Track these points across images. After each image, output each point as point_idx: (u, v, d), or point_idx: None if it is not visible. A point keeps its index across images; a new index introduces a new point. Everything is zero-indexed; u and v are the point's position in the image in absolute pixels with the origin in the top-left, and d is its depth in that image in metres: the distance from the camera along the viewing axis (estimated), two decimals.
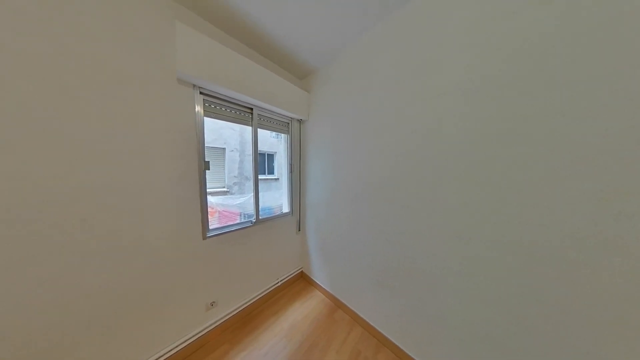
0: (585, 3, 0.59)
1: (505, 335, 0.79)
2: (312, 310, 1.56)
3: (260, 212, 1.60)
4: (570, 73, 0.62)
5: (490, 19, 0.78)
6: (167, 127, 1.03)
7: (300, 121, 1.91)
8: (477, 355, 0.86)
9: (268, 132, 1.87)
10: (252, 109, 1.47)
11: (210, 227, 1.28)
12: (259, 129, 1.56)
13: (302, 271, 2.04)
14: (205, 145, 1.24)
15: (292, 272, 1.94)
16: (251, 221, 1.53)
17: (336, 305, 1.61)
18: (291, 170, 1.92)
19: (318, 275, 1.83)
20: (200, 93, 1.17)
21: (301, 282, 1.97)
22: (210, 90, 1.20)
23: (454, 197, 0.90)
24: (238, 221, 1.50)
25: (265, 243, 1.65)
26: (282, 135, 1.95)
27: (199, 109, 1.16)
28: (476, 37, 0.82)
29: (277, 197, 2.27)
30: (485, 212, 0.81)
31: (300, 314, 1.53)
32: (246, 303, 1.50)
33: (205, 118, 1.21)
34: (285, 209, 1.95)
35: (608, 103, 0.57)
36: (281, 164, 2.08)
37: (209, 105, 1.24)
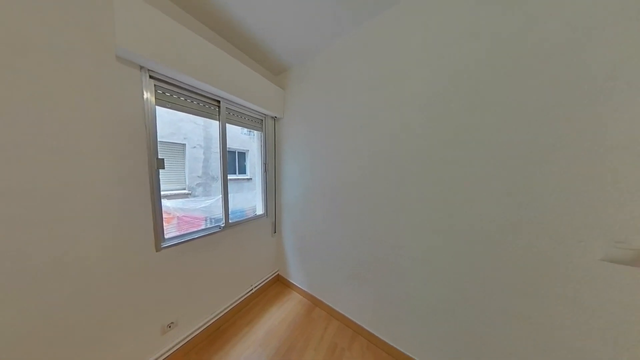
0: (501, 39, 0.76)
1: (454, 306, 0.93)
2: (290, 313, 1.53)
3: (230, 216, 1.46)
4: (493, 94, 0.79)
5: (441, 44, 0.91)
6: (103, 116, 0.82)
7: (275, 119, 1.83)
8: (434, 328, 1.00)
9: (239, 128, 1.73)
10: (219, 101, 1.32)
11: (167, 236, 1.09)
12: (228, 124, 1.42)
13: (278, 274, 1.97)
14: (159, 140, 1.05)
15: (267, 276, 1.85)
16: (219, 226, 1.38)
17: (314, 303, 1.62)
18: (265, 170, 1.82)
19: (295, 276, 1.80)
20: (151, 77, 0.98)
21: (278, 285, 1.90)
22: (164, 75, 1.01)
23: (414, 194, 1.02)
24: (203, 227, 1.33)
25: (237, 249, 1.52)
26: (255, 132, 1.83)
27: (148, 95, 0.96)
28: (430, 57, 0.94)
29: (249, 199, 2.12)
30: (438, 206, 0.95)
31: (277, 318, 1.47)
32: (214, 317, 1.35)
33: (157, 108, 1.02)
34: (260, 210, 1.84)
35: (516, 120, 0.74)
36: (254, 163, 1.96)
37: (163, 93, 1.05)
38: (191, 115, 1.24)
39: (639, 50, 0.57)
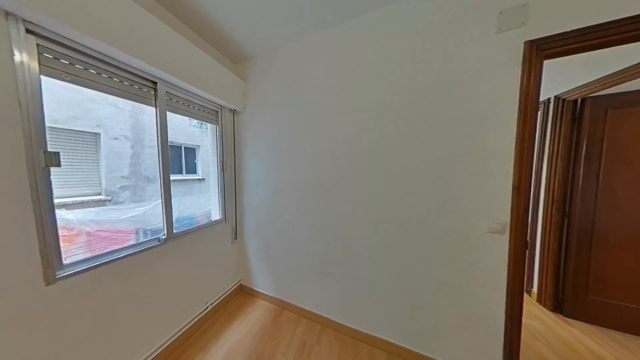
0: (430, 67, 0.95)
1: (403, 282, 1.10)
2: (256, 323, 1.41)
3: (175, 225, 1.19)
4: (425, 109, 0.98)
5: (390, 62, 1.06)
6: None
7: (234, 112, 1.63)
8: (389, 304, 1.15)
9: (186, 119, 1.43)
10: (155, 83, 1.05)
11: (67, 261, 0.78)
12: (170, 113, 1.15)
13: (241, 284, 1.78)
14: (50, 125, 0.73)
15: (227, 289, 1.64)
16: (159, 239, 1.11)
17: (282, 307, 1.56)
18: (223, 169, 1.60)
19: (261, 282, 1.68)
20: (29, 32, 0.67)
21: (240, 296, 1.72)
22: (57, 34, 0.71)
23: (370, 190, 1.15)
24: (133, 242, 1.03)
25: (186, 264, 1.26)
26: (209, 125, 1.57)
27: (25, 59, 0.65)
28: (382, 71, 1.08)
29: (202, 203, 1.80)
30: (388, 200, 1.10)
31: (241, 332, 1.33)
32: (152, 354, 1.07)
33: (44, 79, 0.71)
34: (216, 215, 1.60)
35: (440, 130, 0.95)
36: (208, 161, 1.69)
37: (56, 59, 0.74)
38: (110, 95, 0.92)
39: (507, 88, 0.85)
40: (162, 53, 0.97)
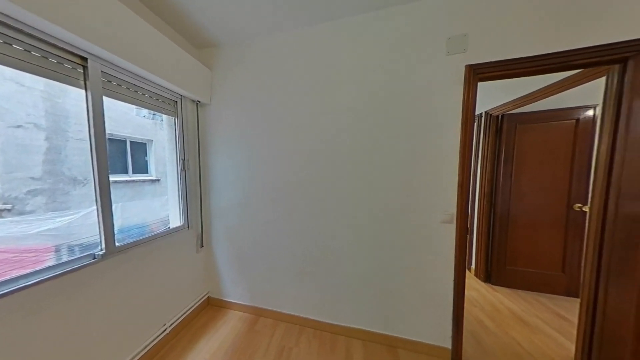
0: (395, 78, 1.06)
1: (376, 272, 1.19)
2: (227, 337, 1.28)
3: (118, 236, 0.97)
4: (392, 115, 1.09)
5: (362, 67, 1.13)
6: None
7: (197, 103, 1.44)
8: (364, 295, 1.23)
9: (133, 107, 1.18)
10: (85, 59, 0.83)
11: None
12: (108, 99, 0.93)
13: (208, 297, 1.59)
14: None
15: (192, 304, 1.44)
16: (94, 255, 0.88)
17: (257, 315, 1.47)
18: (184, 168, 1.39)
19: (233, 292, 1.54)
20: None
21: (209, 310, 1.54)
22: None
23: (346, 189, 1.20)
24: (51, 263, 0.78)
25: (135, 282, 1.04)
26: (164, 117, 1.34)
27: None
28: (356, 76, 1.14)
29: (157, 208, 1.53)
30: (363, 198, 1.18)
31: (209, 350, 1.19)
32: None
33: None
34: (176, 221, 1.38)
35: (405, 135, 1.07)
36: (164, 159, 1.44)
37: None
38: (6, 68, 0.68)
39: (454, 102, 1.01)
40: (94, 22, 0.77)
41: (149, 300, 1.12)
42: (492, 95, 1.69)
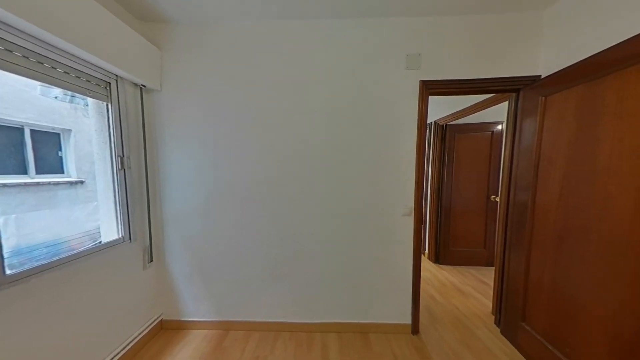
0: (364, 86, 1.15)
1: (348, 266, 1.27)
2: None
3: (14, 260, 0.70)
4: (362, 119, 1.18)
5: (336, 70, 1.17)
6: None
7: (142, 88, 1.18)
8: (338, 289, 1.28)
9: (35, 83, 0.86)
10: None
11: None
12: None
13: (161, 320, 1.34)
14: None
15: (137, 333, 1.17)
16: None
17: (226, 330, 1.33)
18: (123, 166, 1.12)
19: (195, 309, 1.34)
20: None
21: (162, 336, 1.29)
22: None
23: (321, 188, 1.23)
24: None
25: (44, 320, 0.76)
26: (91, 101, 1.05)
27: None
28: (330, 78, 1.17)
29: (80, 217, 1.19)
30: (336, 197, 1.23)
31: None
32: None
33: None
34: (112, 234, 1.10)
35: (373, 138, 1.18)
36: (91, 155, 1.13)
37: None
38: None
39: (412, 111, 1.17)
40: None
41: (70, 339, 0.85)
42: (439, 108, 2.03)
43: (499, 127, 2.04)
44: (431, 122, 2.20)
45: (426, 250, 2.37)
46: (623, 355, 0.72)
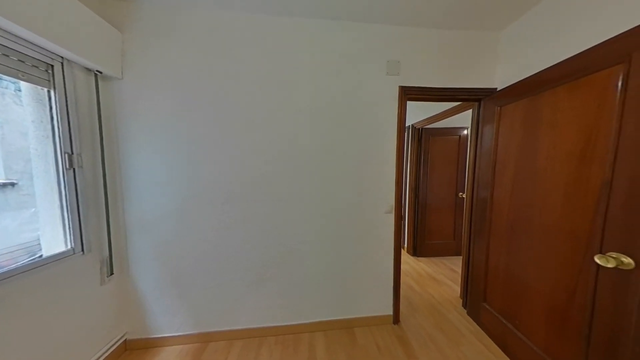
0: (347, 89, 1.19)
1: (335, 265, 1.29)
2: None
3: None
4: (347, 120, 1.21)
5: (321, 71, 1.17)
6: None
7: (96, 74, 1.01)
8: (324, 290, 1.29)
9: None
10: None
11: None
12: None
13: (125, 340, 1.18)
14: None
15: (94, 359, 1.01)
16: None
17: (204, 342, 1.23)
18: (72, 165, 0.95)
19: (167, 324, 1.21)
20: None
21: (126, 358, 1.14)
22: None
23: (308, 188, 1.22)
24: None
25: None
26: (22, 85, 0.86)
27: None
28: (315, 78, 1.17)
29: (10, 228, 0.98)
30: (323, 196, 1.24)
31: None
32: None
33: None
34: (57, 245, 0.92)
35: (357, 139, 1.22)
36: (25, 151, 0.93)
37: None
38: None
39: (392, 115, 1.24)
40: None
41: None
42: (416, 112, 2.20)
43: (465, 131, 2.29)
44: (409, 126, 2.37)
45: (405, 244, 2.55)
46: (556, 322, 0.88)
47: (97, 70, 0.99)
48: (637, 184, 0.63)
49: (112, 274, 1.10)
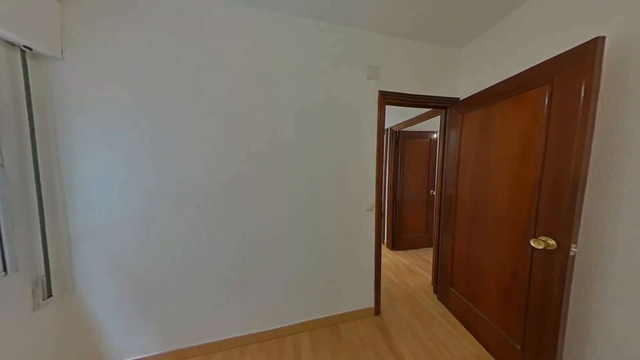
0: (331, 91, 1.22)
1: (320, 263, 1.30)
2: None
3: None
4: (331, 121, 1.23)
5: (304, 69, 1.17)
6: None
7: (25, 51, 0.82)
8: (309, 290, 1.29)
9: None
10: None
11: None
12: None
13: None
14: None
15: None
16: None
17: (178, 359, 1.12)
18: None
19: (128, 346, 1.05)
20: None
21: None
22: None
23: (292, 188, 1.20)
24: None
25: None
26: None
27: None
28: (298, 76, 1.16)
29: None
30: (307, 196, 1.23)
31: None
32: None
33: None
34: None
35: (341, 139, 1.25)
36: None
37: None
38: None
39: (373, 117, 1.30)
40: None
41: None
42: (393, 116, 2.35)
43: (435, 135, 2.55)
44: (388, 128, 2.52)
45: (385, 240, 2.71)
46: (504, 297, 1.05)
47: (25, 46, 0.80)
48: (558, 181, 0.80)
49: (50, 295, 0.90)
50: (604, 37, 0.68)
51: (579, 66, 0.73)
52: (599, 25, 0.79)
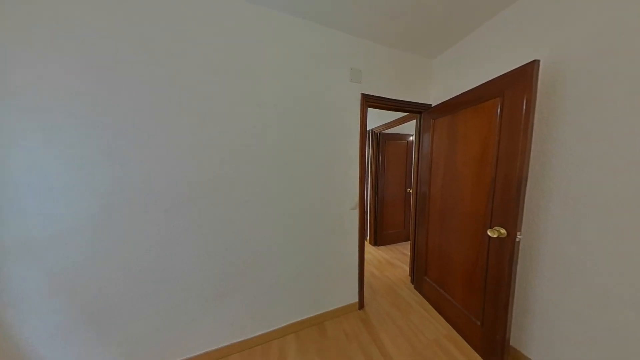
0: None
1: (306, 264, 1.29)
2: None
3: None
4: (313, 121, 1.23)
5: (287, 68, 1.14)
6: None
7: None
8: (296, 291, 1.28)
9: None
10: None
11: None
12: None
13: None
14: None
15: None
16: None
17: None
18: None
19: None
20: None
21: None
22: None
23: (274, 188, 1.17)
24: None
25: None
26: None
27: None
28: (281, 75, 1.13)
29: None
30: (291, 196, 1.21)
31: None
32: None
33: None
34: None
35: (322, 139, 1.27)
36: None
37: None
38: None
39: (356, 119, 1.34)
40: None
41: None
42: (374, 119, 2.47)
43: (411, 138, 2.76)
44: (370, 130, 2.64)
45: (368, 236, 2.84)
46: (468, 282, 1.20)
47: None
48: (507, 180, 0.94)
49: None
50: (539, 61, 0.83)
51: (522, 83, 0.87)
52: (536, 49, 0.96)
